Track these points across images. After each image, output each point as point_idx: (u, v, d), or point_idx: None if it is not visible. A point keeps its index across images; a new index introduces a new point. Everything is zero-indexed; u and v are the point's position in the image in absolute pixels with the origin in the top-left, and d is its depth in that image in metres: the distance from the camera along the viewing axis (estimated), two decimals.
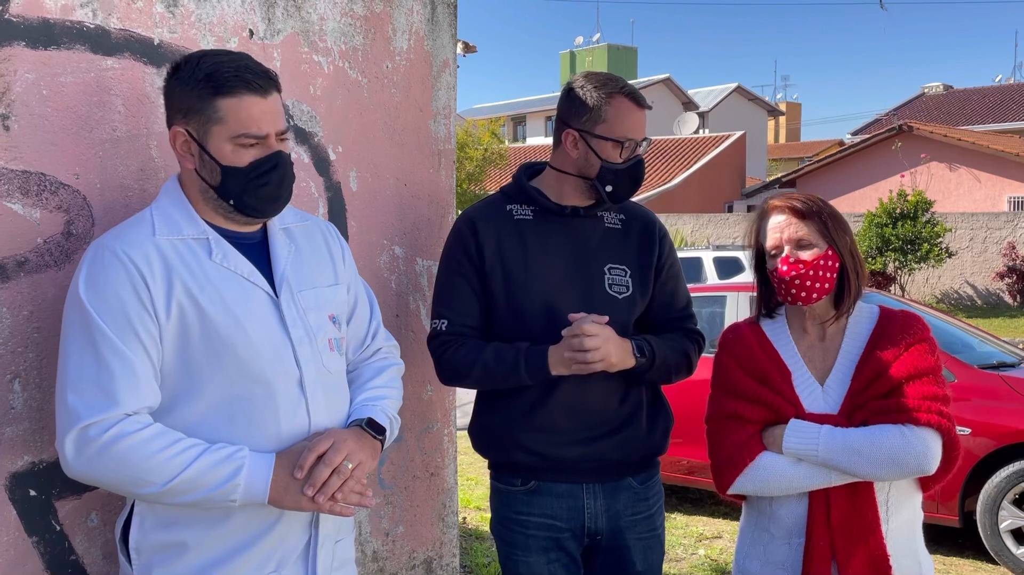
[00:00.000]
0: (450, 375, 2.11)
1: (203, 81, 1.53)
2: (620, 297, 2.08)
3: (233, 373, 1.55)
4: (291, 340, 1.61)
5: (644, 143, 2.09)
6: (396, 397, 1.82)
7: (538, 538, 2.10)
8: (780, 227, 1.91)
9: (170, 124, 1.59)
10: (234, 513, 1.55)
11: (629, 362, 1.99)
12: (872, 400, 1.84)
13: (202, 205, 1.61)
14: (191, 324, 1.53)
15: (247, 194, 1.58)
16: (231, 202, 1.59)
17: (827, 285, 1.89)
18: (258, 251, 1.66)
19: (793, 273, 1.87)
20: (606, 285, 2.07)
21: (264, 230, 1.69)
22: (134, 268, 1.50)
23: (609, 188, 2.05)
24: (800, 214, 1.89)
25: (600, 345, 1.91)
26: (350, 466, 1.56)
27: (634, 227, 2.16)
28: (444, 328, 2.09)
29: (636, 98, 2.05)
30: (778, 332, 1.99)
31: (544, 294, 2.05)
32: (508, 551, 2.15)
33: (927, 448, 1.79)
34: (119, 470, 1.46)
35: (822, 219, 1.89)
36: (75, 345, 1.48)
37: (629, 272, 2.10)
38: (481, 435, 2.18)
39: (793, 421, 1.86)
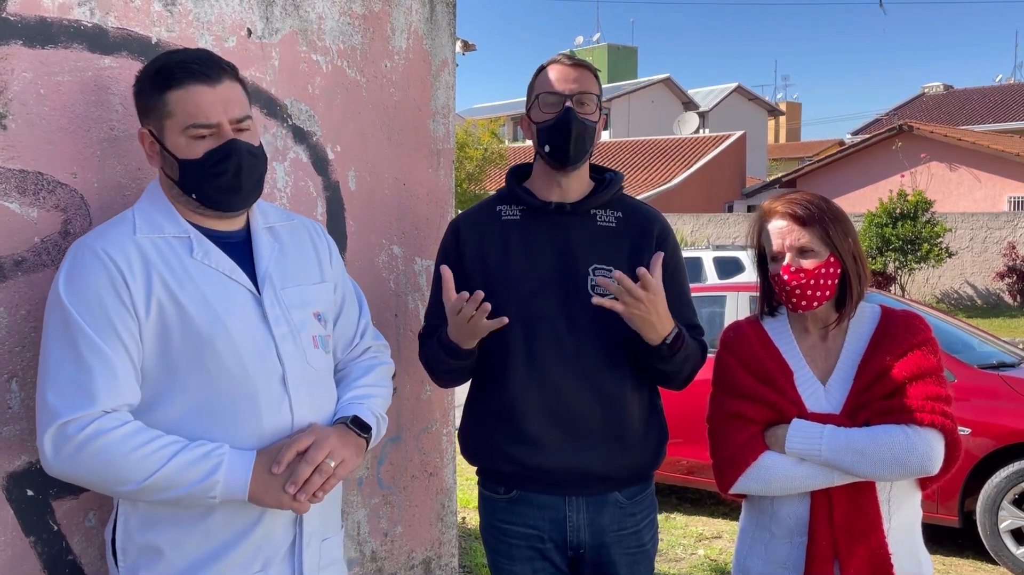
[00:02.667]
0: (427, 373, 2.16)
1: (153, 77, 1.55)
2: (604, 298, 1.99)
3: (214, 370, 1.54)
4: (273, 337, 1.60)
5: (592, 99, 1.99)
6: (384, 396, 1.82)
7: (521, 547, 2.06)
8: (782, 233, 1.89)
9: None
10: (216, 511, 1.55)
11: (667, 325, 1.88)
12: (875, 400, 1.84)
13: (181, 204, 1.61)
14: (171, 321, 1.52)
15: (205, 186, 1.56)
16: (193, 196, 1.58)
17: (828, 292, 1.88)
18: (241, 250, 1.65)
19: (794, 283, 1.86)
20: (589, 286, 1.99)
21: (248, 229, 1.68)
22: (113, 266, 1.49)
23: (547, 148, 2.00)
24: (801, 221, 1.87)
25: (643, 299, 1.80)
26: (333, 464, 1.56)
27: (630, 226, 2.05)
28: (424, 330, 2.16)
29: (567, 59, 2.03)
30: (780, 331, 1.98)
31: (523, 294, 1.99)
32: (495, 558, 2.13)
33: (930, 449, 1.79)
34: (97, 467, 1.46)
35: (824, 225, 1.87)
36: (55, 343, 1.48)
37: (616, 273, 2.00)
38: (466, 441, 2.15)
39: (796, 421, 1.86)
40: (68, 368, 1.46)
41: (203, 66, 1.54)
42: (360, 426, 1.66)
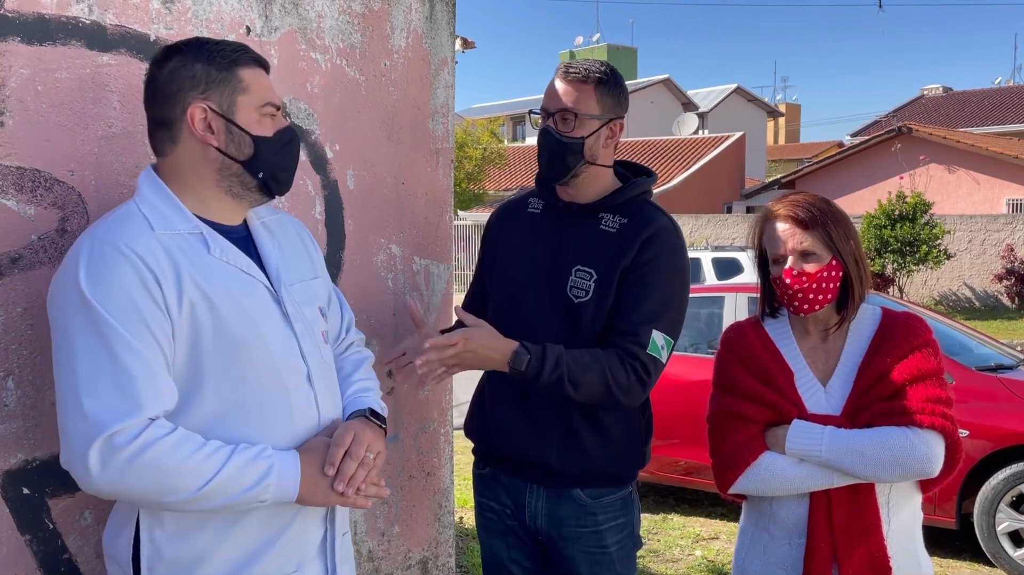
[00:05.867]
0: None
1: (219, 55, 1.51)
2: (576, 301, 1.98)
3: (246, 371, 1.49)
4: (296, 334, 1.58)
5: (570, 115, 1.97)
6: (378, 388, 1.82)
7: (495, 522, 2.16)
8: (784, 236, 1.89)
9: (175, 104, 1.50)
10: (250, 515, 1.49)
11: (499, 355, 1.87)
12: (875, 402, 1.84)
13: (198, 194, 1.54)
14: (203, 322, 1.45)
15: (277, 166, 1.56)
16: (260, 176, 1.54)
17: (830, 295, 1.88)
18: (245, 245, 1.60)
19: (797, 287, 1.86)
20: (567, 287, 2.00)
21: (245, 223, 1.65)
22: (142, 264, 1.41)
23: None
24: (804, 224, 1.87)
25: (458, 354, 1.85)
26: (372, 456, 1.56)
27: (627, 232, 2.00)
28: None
29: (562, 71, 2.02)
30: (781, 332, 1.98)
31: (513, 285, 2.08)
32: (479, 532, 2.24)
33: (931, 451, 1.79)
34: (150, 479, 1.37)
35: (826, 228, 1.86)
36: (85, 347, 1.36)
37: (595, 276, 1.98)
38: (466, 417, 2.26)
39: (796, 422, 1.85)
40: (105, 373, 1.36)
41: (255, 52, 1.56)
42: (377, 417, 1.67)
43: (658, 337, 1.93)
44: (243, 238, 1.61)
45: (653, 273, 1.96)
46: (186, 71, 1.50)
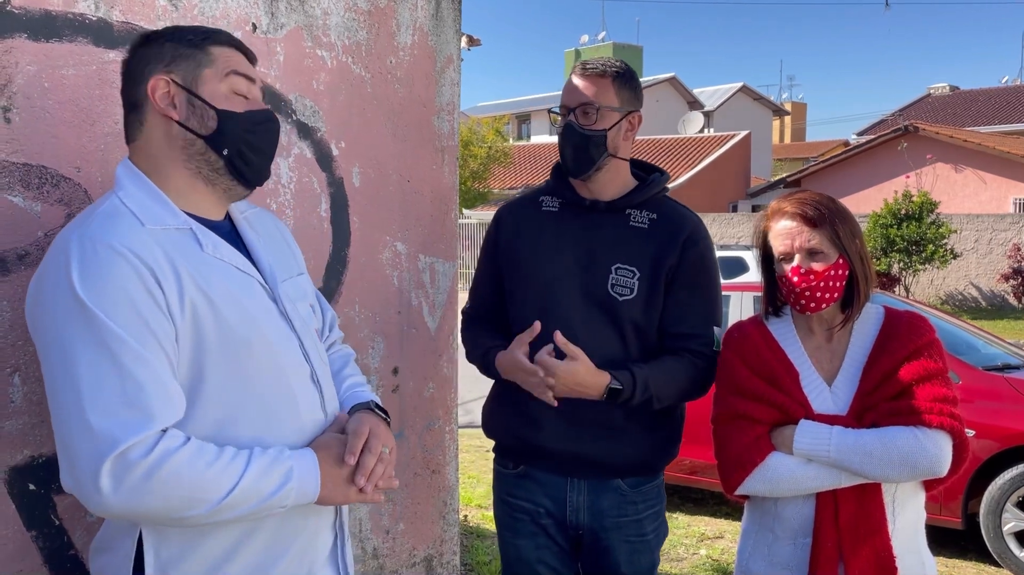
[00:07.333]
0: (465, 351, 2.25)
1: (191, 33, 1.45)
2: (621, 299, 2.00)
3: (251, 373, 1.41)
4: (296, 333, 1.51)
5: (591, 109, 1.99)
6: (367, 385, 1.79)
7: (525, 522, 2.12)
8: (791, 234, 1.88)
9: (141, 82, 1.43)
10: (264, 522, 1.42)
11: (597, 384, 1.91)
12: (881, 402, 1.83)
13: (174, 183, 1.45)
14: (205, 323, 1.36)
15: (244, 144, 1.45)
16: (224, 152, 1.44)
17: (836, 294, 1.87)
18: (233, 241, 1.51)
19: (804, 285, 1.85)
20: (608, 285, 2.01)
21: (229, 219, 1.58)
22: (140, 263, 1.31)
23: (560, 157, 2.07)
24: (812, 222, 1.86)
25: (555, 384, 1.88)
26: (387, 450, 1.51)
27: (661, 229, 2.04)
28: (466, 308, 2.26)
29: (580, 68, 2.04)
30: (784, 332, 1.97)
31: (544, 285, 2.04)
32: (502, 533, 2.19)
33: (940, 450, 1.78)
34: (169, 494, 1.27)
35: (834, 227, 1.85)
36: (84, 356, 1.26)
37: (638, 275, 2.01)
38: (485, 415, 2.23)
39: (804, 422, 1.84)
40: (110, 384, 1.26)
41: (234, 38, 1.50)
42: (382, 411, 1.62)
43: (717, 332, 2.08)
44: (229, 233, 1.53)
45: (702, 274, 2.06)
46: (155, 50, 1.44)
